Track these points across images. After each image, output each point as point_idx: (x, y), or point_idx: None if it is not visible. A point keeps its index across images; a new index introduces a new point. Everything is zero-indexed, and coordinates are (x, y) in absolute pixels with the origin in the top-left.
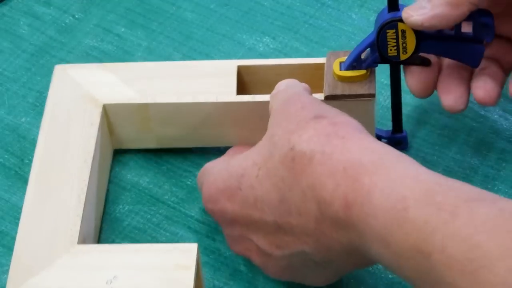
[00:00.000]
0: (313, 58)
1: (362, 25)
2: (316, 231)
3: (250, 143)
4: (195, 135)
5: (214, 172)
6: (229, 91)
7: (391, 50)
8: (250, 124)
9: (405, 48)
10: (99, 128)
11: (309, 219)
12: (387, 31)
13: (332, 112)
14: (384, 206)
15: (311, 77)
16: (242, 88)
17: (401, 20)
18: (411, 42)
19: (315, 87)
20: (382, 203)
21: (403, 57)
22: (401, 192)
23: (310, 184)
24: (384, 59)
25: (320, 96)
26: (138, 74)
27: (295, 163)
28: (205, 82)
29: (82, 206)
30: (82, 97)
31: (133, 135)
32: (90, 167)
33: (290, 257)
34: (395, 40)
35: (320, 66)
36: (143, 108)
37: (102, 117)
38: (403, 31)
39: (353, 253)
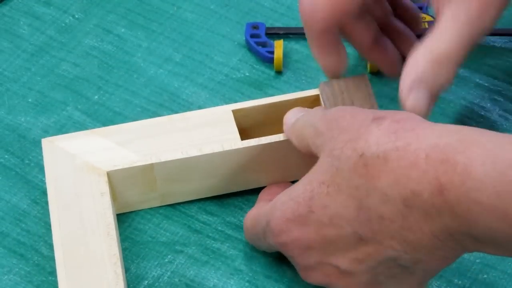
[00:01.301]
0: (305, 91)
1: None
2: (401, 229)
3: (261, 184)
4: (201, 187)
5: (278, 207)
6: (232, 137)
7: None
8: (257, 166)
9: None
10: (110, 197)
11: (393, 219)
12: None
13: (389, 112)
14: (492, 176)
15: None
16: (240, 131)
17: None
18: None
19: None
20: (488, 174)
21: None
22: (509, 158)
23: (391, 182)
24: None
25: None
26: (131, 135)
27: (369, 168)
28: (203, 132)
29: (122, 280)
30: (82, 168)
31: (137, 198)
32: (115, 238)
33: (374, 269)
34: None
35: (314, 98)
36: (148, 169)
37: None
38: None
39: (443, 246)
